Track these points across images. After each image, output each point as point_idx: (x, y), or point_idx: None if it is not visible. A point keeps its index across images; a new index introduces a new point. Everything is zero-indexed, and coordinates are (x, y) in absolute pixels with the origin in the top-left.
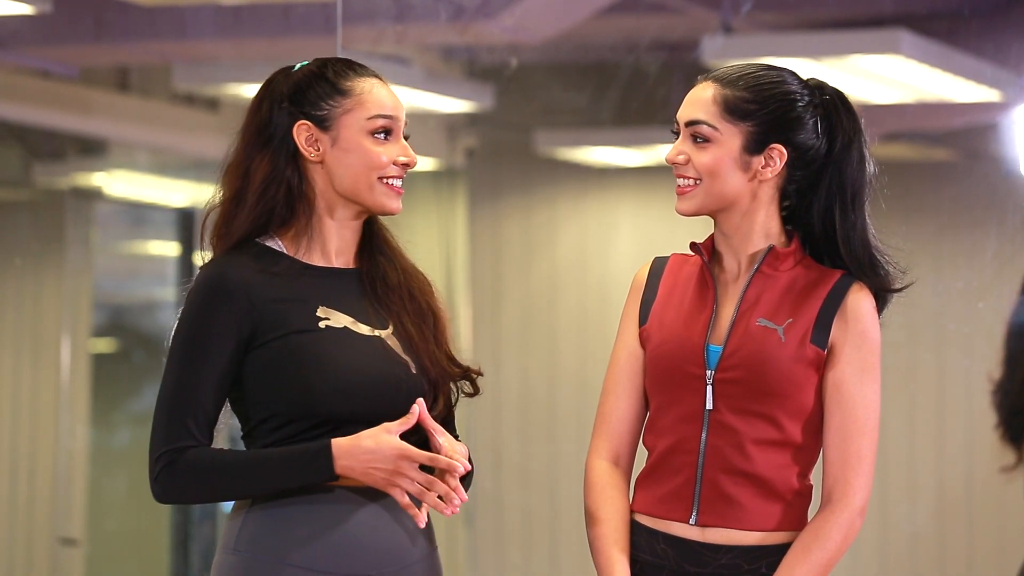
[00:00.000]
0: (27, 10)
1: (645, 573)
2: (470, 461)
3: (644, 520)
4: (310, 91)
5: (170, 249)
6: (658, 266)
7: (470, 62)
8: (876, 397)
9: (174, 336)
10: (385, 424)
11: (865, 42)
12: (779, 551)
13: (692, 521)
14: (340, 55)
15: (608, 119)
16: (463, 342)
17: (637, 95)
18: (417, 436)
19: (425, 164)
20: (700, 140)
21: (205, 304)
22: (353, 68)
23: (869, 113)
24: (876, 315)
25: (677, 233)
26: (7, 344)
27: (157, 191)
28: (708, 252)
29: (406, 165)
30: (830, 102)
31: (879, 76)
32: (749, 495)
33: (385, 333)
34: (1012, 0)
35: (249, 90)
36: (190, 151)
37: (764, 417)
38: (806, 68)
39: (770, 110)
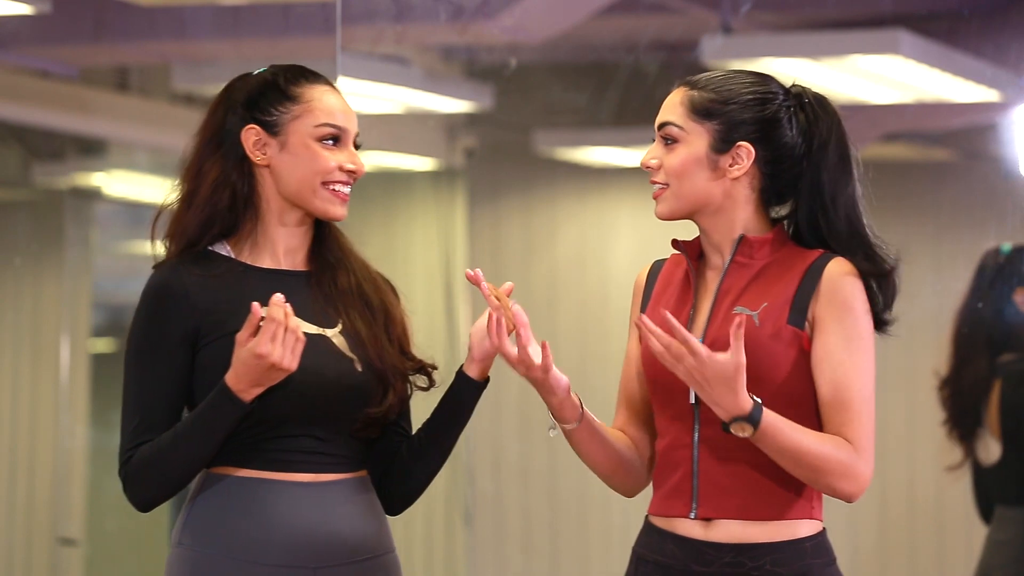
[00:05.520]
0: (26, 10)
1: (656, 573)
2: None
3: (655, 521)
4: (262, 97)
5: None
6: (655, 268)
7: (469, 62)
8: (868, 366)
9: (126, 347)
10: (235, 337)
11: (864, 42)
12: (783, 548)
13: (692, 515)
14: (339, 55)
15: (608, 119)
16: (462, 342)
17: (637, 95)
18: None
19: (425, 164)
20: (669, 142)
21: (148, 312)
22: (305, 75)
23: (868, 113)
24: (860, 287)
25: (676, 233)
26: (7, 344)
27: (157, 191)
28: (695, 251)
29: (351, 172)
30: (808, 105)
31: (878, 76)
32: (746, 484)
33: (331, 331)
34: (1012, 0)
35: None
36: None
37: None
38: (806, 68)
39: (736, 108)
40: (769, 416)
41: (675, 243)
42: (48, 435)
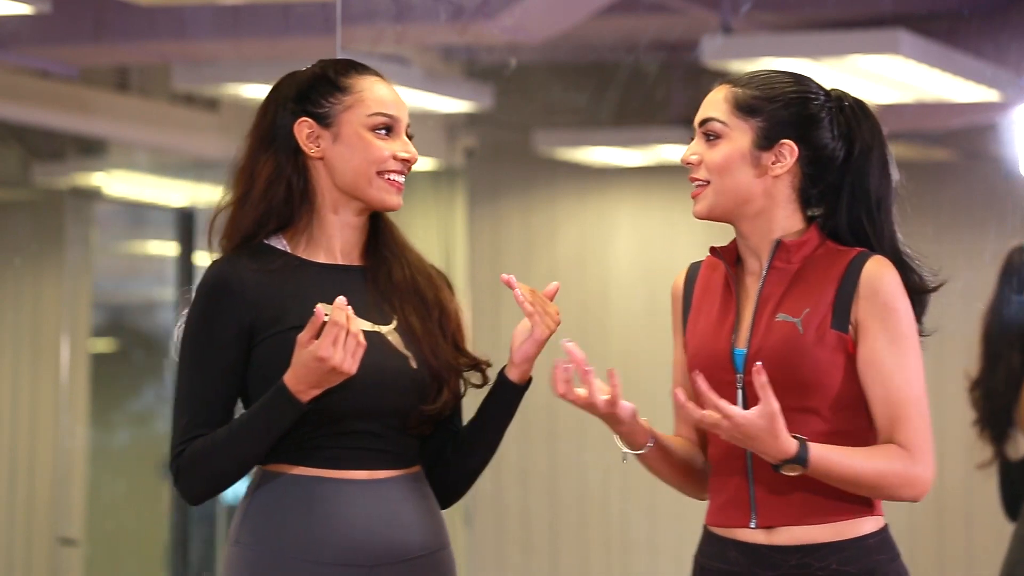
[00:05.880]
0: (26, 10)
1: (722, 575)
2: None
3: (715, 529)
4: (312, 90)
5: (169, 249)
6: (692, 273)
7: (470, 62)
8: (916, 364)
9: (181, 342)
10: (297, 338)
11: (864, 42)
12: (848, 546)
13: (752, 525)
14: (339, 55)
15: (608, 119)
16: None
17: (636, 95)
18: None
19: (425, 164)
20: (711, 138)
21: (205, 306)
22: (355, 67)
23: None
24: (899, 284)
25: (676, 233)
26: (7, 344)
27: (156, 191)
28: (731, 257)
29: (406, 161)
30: (848, 108)
31: (878, 76)
32: (804, 487)
33: (387, 328)
34: (1012, 0)
35: (249, 90)
36: (189, 151)
37: (804, 410)
38: (805, 68)
39: (780, 106)
40: (816, 451)
41: (713, 250)
42: (48, 435)
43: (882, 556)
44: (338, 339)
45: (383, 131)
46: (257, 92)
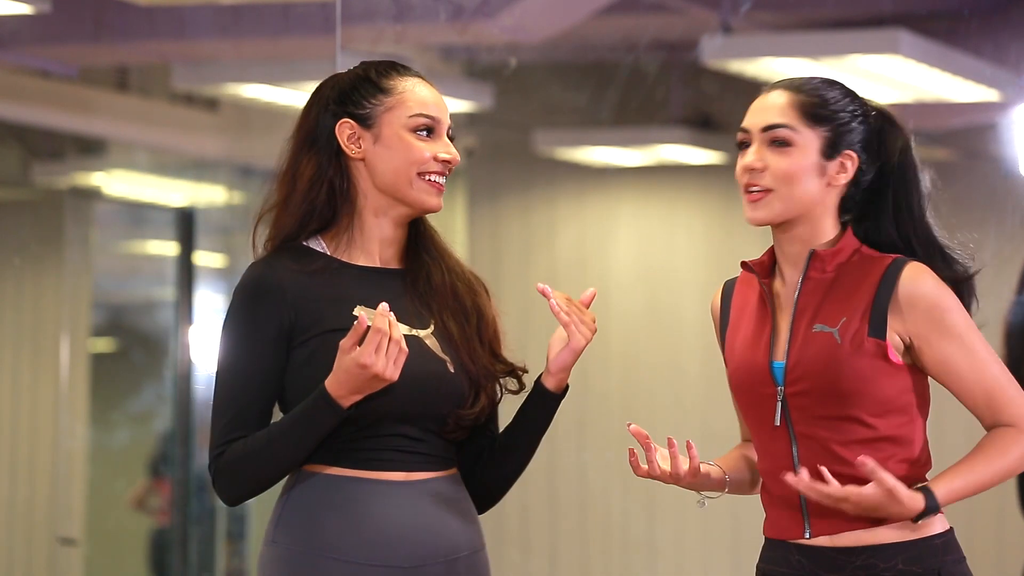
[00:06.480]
0: (26, 10)
1: None
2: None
3: (775, 537)
4: (354, 91)
5: (169, 249)
6: (727, 290)
7: (469, 62)
8: (984, 347)
9: (220, 343)
10: (339, 343)
11: (864, 42)
12: (914, 546)
13: (807, 536)
14: (339, 55)
15: (607, 119)
16: None
17: (636, 95)
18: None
19: None
20: (779, 144)
21: (244, 306)
22: (396, 68)
23: None
24: (938, 283)
25: (676, 233)
26: (7, 344)
27: (156, 191)
28: (764, 268)
29: (447, 162)
30: (876, 117)
31: (878, 76)
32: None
33: (424, 332)
34: (1012, 0)
35: (248, 90)
36: (189, 151)
37: (847, 419)
38: (805, 68)
39: (846, 116)
40: (943, 493)
41: (744, 265)
42: (48, 435)
43: (948, 557)
44: (380, 346)
45: (424, 132)
46: (257, 92)
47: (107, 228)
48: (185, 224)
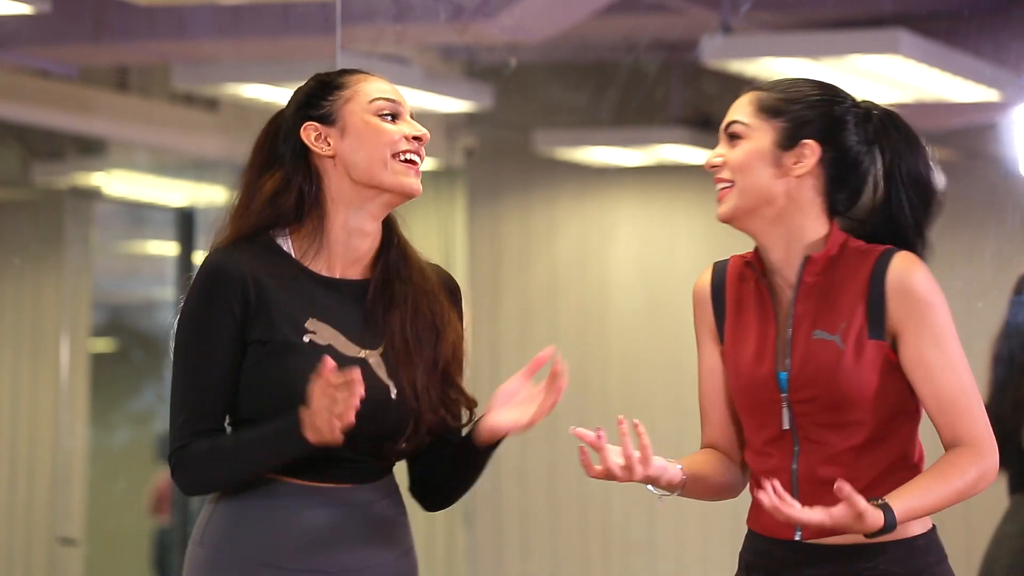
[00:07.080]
0: (26, 10)
1: (769, 572)
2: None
3: (760, 532)
4: (310, 96)
5: (169, 249)
6: (719, 276)
7: (469, 62)
8: (960, 354)
9: (177, 328)
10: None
11: (864, 42)
12: (896, 547)
13: (797, 537)
14: (339, 55)
15: (607, 119)
16: None
17: (636, 95)
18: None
19: (425, 164)
20: (734, 139)
21: (203, 292)
22: (346, 70)
23: None
24: (928, 277)
25: (676, 233)
26: (7, 344)
27: (156, 191)
28: (762, 267)
29: (417, 139)
30: (877, 117)
31: (878, 76)
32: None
33: (372, 353)
34: (1012, 0)
35: (248, 90)
36: (189, 151)
37: (851, 424)
38: (806, 68)
39: (803, 107)
40: (901, 510)
41: (747, 264)
42: (48, 435)
43: (930, 558)
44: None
45: (388, 117)
46: (257, 92)
47: (107, 228)
48: (185, 224)
